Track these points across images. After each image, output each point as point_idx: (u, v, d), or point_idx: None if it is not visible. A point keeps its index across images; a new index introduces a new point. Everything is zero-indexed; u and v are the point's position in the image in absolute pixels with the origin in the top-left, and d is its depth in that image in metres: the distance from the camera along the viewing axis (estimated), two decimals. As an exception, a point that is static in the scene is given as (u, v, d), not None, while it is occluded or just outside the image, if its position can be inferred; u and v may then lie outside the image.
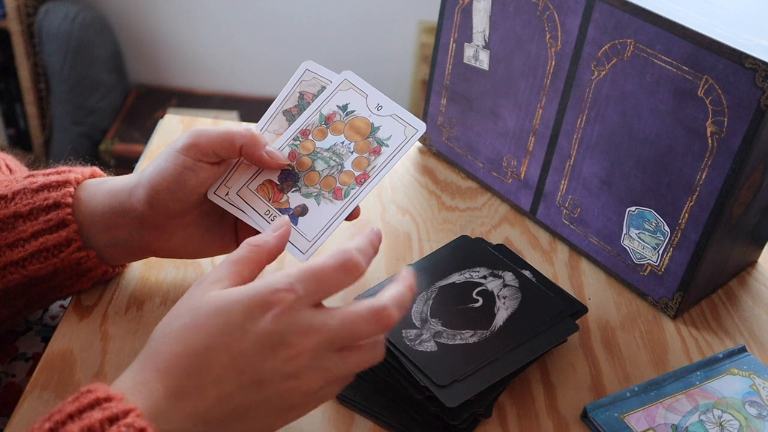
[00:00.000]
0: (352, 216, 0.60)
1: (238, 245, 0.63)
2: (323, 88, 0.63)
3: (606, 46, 0.68)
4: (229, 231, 0.64)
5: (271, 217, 0.60)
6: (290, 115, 0.63)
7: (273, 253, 0.51)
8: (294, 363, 0.46)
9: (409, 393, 0.57)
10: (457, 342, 0.59)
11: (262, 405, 0.46)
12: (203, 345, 0.45)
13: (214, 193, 0.61)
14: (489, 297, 0.64)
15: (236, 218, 0.64)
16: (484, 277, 0.65)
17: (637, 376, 0.65)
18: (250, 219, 0.60)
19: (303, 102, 0.63)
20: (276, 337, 0.45)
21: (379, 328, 0.47)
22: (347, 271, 0.48)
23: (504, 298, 0.64)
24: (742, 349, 0.67)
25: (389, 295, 0.48)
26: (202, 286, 0.48)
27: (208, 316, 0.46)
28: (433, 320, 0.61)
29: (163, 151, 0.60)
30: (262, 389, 0.45)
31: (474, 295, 0.64)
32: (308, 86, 0.64)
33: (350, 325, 0.47)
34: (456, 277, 0.65)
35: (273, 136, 0.63)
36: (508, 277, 0.66)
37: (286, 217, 0.55)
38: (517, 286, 0.65)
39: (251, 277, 0.50)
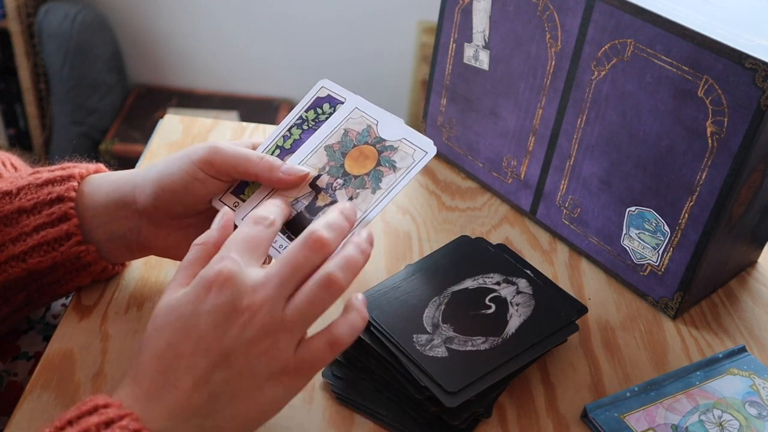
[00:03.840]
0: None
1: None
2: (369, 126, 0.61)
3: (606, 46, 0.68)
4: None
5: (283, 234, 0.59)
6: (331, 152, 0.60)
7: (218, 245, 0.51)
8: (252, 325, 0.46)
9: (409, 393, 0.57)
10: (468, 348, 0.59)
11: (241, 379, 0.46)
12: (165, 343, 0.46)
13: (220, 201, 0.61)
14: (502, 304, 0.63)
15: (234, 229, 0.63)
16: (498, 284, 0.65)
17: (637, 376, 0.65)
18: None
19: (346, 139, 0.61)
20: (226, 307, 0.46)
21: (315, 254, 0.48)
22: (307, 246, 0.48)
23: (517, 305, 0.63)
24: (742, 349, 0.67)
25: (321, 220, 0.50)
26: (162, 297, 0.50)
27: (165, 317, 0.47)
28: (445, 326, 0.60)
29: (177, 155, 0.60)
30: (232, 362, 0.46)
31: (487, 302, 0.63)
32: (354, 124, 0.61)
33: (287, 261, 0.47)
34: (469, 283, 0.65)
35: (310, 169, 0.60)
36: (522, 284, 0.65)
37: (226, 208, 0.55)
38: (531, 293, 0.65)
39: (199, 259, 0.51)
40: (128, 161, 2.10)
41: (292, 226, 0.57)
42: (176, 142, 0.89)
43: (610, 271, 0.76)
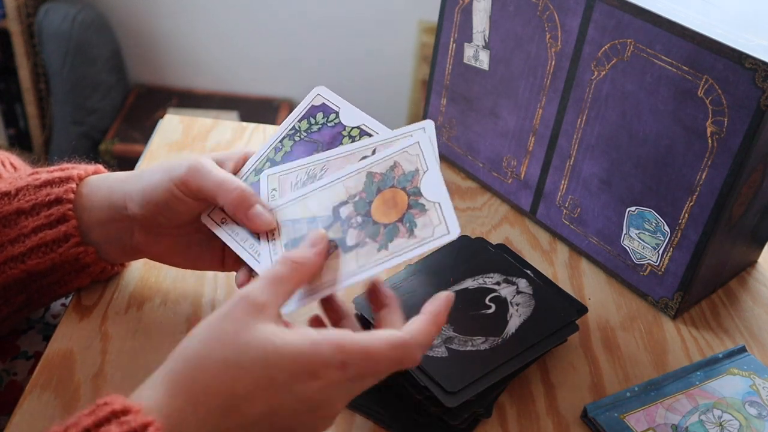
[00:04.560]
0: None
1: (223, 266, 0.63)
2: (416, 171, 0.54)
3: (606, 46, 0.68)
4: (217, 250, 0.63)
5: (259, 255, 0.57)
6: (370, 182, 0.55)
7: (313, 273, 0.50)
8: (320, 407, 0.46)
9: (409, 393, 0.57)
10: (468, 348, 0.59)
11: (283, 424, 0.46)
12: (244, 392, 0.44)
13: (208, 216, 0.60)
14: (502, 304, 0.63)
15: None
16: (498, 284, 0.65)
17: (637, 376, 0.65)
18: (242, 251, 0.58)
19: (390, 174, 0.54)
20: (314, 403, 0.45)
21: (399, 367, 0.47)
22: (399, 364, 0.47)
23: (517, 305, 0.63)
24: (742, 349, 0.67)
25: (415, 329, 0.48)
26: (247, 311, 0.46)
27: (254, 363, 0.44)
28: (445, 326, 0.60)
29: (161, 167, 0.59)
30: (281, 426, 0.46)
31: (487, 302, 0.63)
32: (406, 160, 0.54)
33: (372, 364, 0.46)
34: (469, 283, 0.65)
35: (343, 190, 0.55)
36: (522, 284, 0.65)
37: (323, 230, 0.53)
38: (531, 293, 0.65)
39: (287, 296, 0.49)
40: (128, 161, 2.10)
41: (295, 245, 0.55)
42: (176, 142, 0.89)
43: (610, 271, 0.76)
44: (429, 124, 0.55)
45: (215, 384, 0.44)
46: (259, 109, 2.31)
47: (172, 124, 0.92)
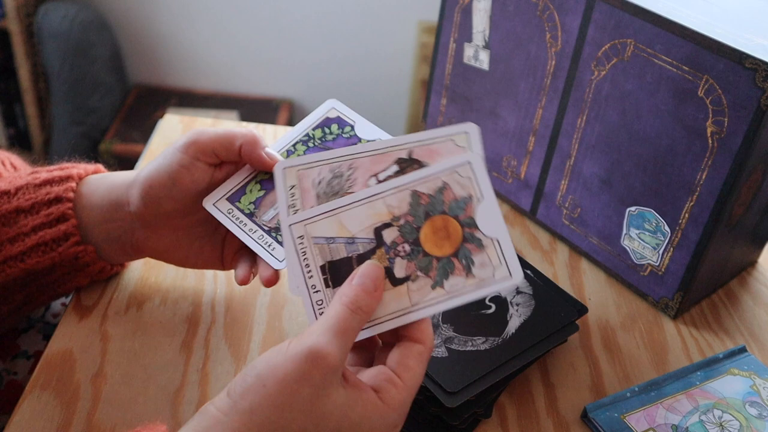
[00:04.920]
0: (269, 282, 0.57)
1: (222, 263, 0.63)
2: (470, 197, 0.48)
3: (606, 46, 0.68)
4: (217, 247, 0.63)
5: (266, 243, 0.57)
6: (416, 202, 0.48)
7: (373, 310, 0.47)
8: None
9: (409, 393, 0.57)
10: (468, 348, 0.59)
11: None
12: None
13: (213, 205, 0.60)
14: (502, 304, 0.63)
15: (225, 236, 0.63)
16: None
17: (637, 376, 0.65)
18: (251, 242, 0.58)
19: (439, 198, 0.48)
20: None
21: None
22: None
23: (517, 305, 0.63)
24: (743, 349, 0.67)
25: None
26: (324, 375, 0.43)
27: (324, 414, 0.43)
28: (445, 326, 0.60)
29: (163, 150, 0.60)
30: None
31: (487, 302, 0.63)
32: (458, 183, 0.48)
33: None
34: None
35: (384, 209, 0.49)
36: (522, 283, 0.65)
37: (382, 268, 0.48)
38: (531, 293, 0.65)
39: (350, 349, 0.46)
40: (128, 161, 2.10)
41: (334, 269, 0.49)
42: (176, 142, 0.89)
43: (610, 271, 0.76)
44: (473, 129, 0.49)
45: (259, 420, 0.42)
46: (259, 109, 2.31)
47: (171, 124, 0.92)
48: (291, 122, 2.27)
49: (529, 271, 0.67)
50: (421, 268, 0.48)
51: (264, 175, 0.60)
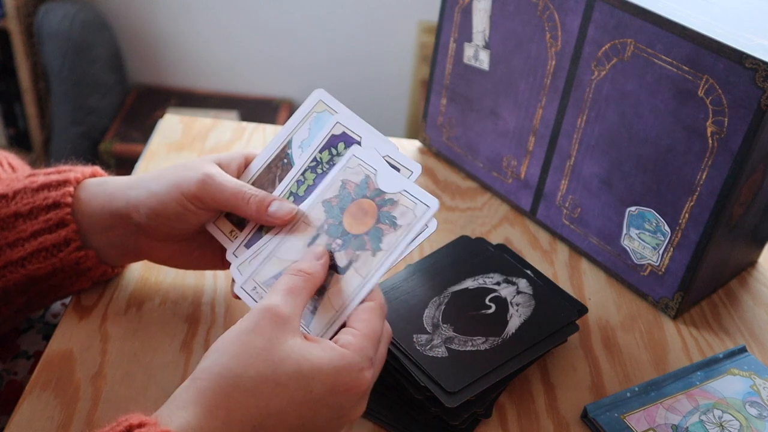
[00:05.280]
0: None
1: (223, 263, 0.63)
2: (367, 177, 0.55)
3: (606, 46, 0.68)
4: (219, 250, 0.63)
5: None
6: (329, 207, 0.56)
7: (318, 285, 0.52)
8: (349, 412, 0.48)
9: (409, 393, 0.57)
10: (468, 348, 0.59)
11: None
12: (279, 407, 0.45)
13: (215, 224, 0.61)
14: (502, 304, 0.63)
15: None
16: (498, 284, 0.65)
17: (637, 376, 0.65)
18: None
19: (344, 192, 0.56)
20: (345, 410, 0.47)
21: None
22: (383, 316, 0.52)
23: (517, 305, 0.63)
24: (743, 349, 0.67)
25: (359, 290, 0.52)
26: (274, 325, 0.47)
27: (290, 379, 0.45)
28: (445, 326, 0.60)
29: (167, 179, 0.59)
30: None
31: (487, 302, 0.63)
32: (352, 174, 0.56)
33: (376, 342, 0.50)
34: (469, 283, 0.65)
35: (307, 227, 0.56)
36: (522, 284, 0.65)
37: (323, 246, 0.54)
38: (531, 293, 0.65)
39: (303, 307, 0.50)
40: (128, 161, 2.10)
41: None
42: (176, 142, 0.89)
43: (610, 271, 0.76)
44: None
45: (252, 401, 0.44)
46: (259, 109, 2.31)
47: (171, 124, 0.92)
48: (291, 122, 2.27)
49: (529, 271, 0.67)
50: (357, 248, 0.53)
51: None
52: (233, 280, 0.58)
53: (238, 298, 0.57)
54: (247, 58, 2.32)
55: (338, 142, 0.59)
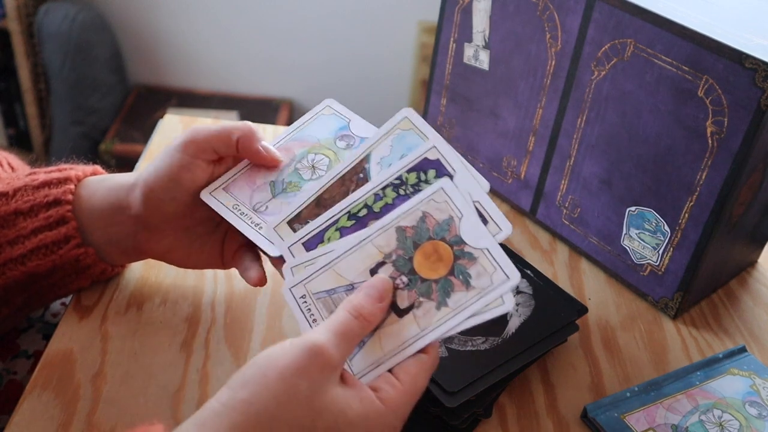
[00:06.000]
0: None
1: (222, 262, 0.63)
2: (450, 218, 0.50)
3: (606, 46, 0.68)
4: (217, 245, 0.64)
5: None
6: (402, 237, 0.51)
7: (372, 329, 0.49)
8: None
9: (409, 393, 0.57)
10: (468, 348, 0.59)
11: None
12: None
13: (210, 194, 0.60)
14: None
15: (225, 235, 0.64)
16: None
17: (637, 376, 0.65)
18: (245, 227, 0.59)
19: (423, 226, 0.51)
20: None
21: None
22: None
23: (517, 305, 0.63)
24: (742, 349, 0.67)
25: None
26: (322, 371, 0.44)
27: (324, 431, 0.44)
28: None
29: (161, 151, 0.60)
30: None
31: None
32: (436, 209, 0.51)
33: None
34: None
35: (375, 251, 0.51)
36: (522, 284, 0.65)
37: (389, 280, 0.50)
38: (531, 293, 0.65)
39: (352, 352, 0.48)
40: (128, 161, 2.10)
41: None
42: (176, 142, 0.89)
43: (610, 271, 0.76)
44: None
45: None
46: (259, 109, 2.31)
47: (172, 124, 0.92)
48: (291, 122, 2.27)
49: (529, 271, 0.67)
50: (422, 294, 0.49)
51: (347, 221, 0.55)
52: (282, 275, 0.55)
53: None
54: (247, 58, 2.32)
55: (429, 168, 0.54)
